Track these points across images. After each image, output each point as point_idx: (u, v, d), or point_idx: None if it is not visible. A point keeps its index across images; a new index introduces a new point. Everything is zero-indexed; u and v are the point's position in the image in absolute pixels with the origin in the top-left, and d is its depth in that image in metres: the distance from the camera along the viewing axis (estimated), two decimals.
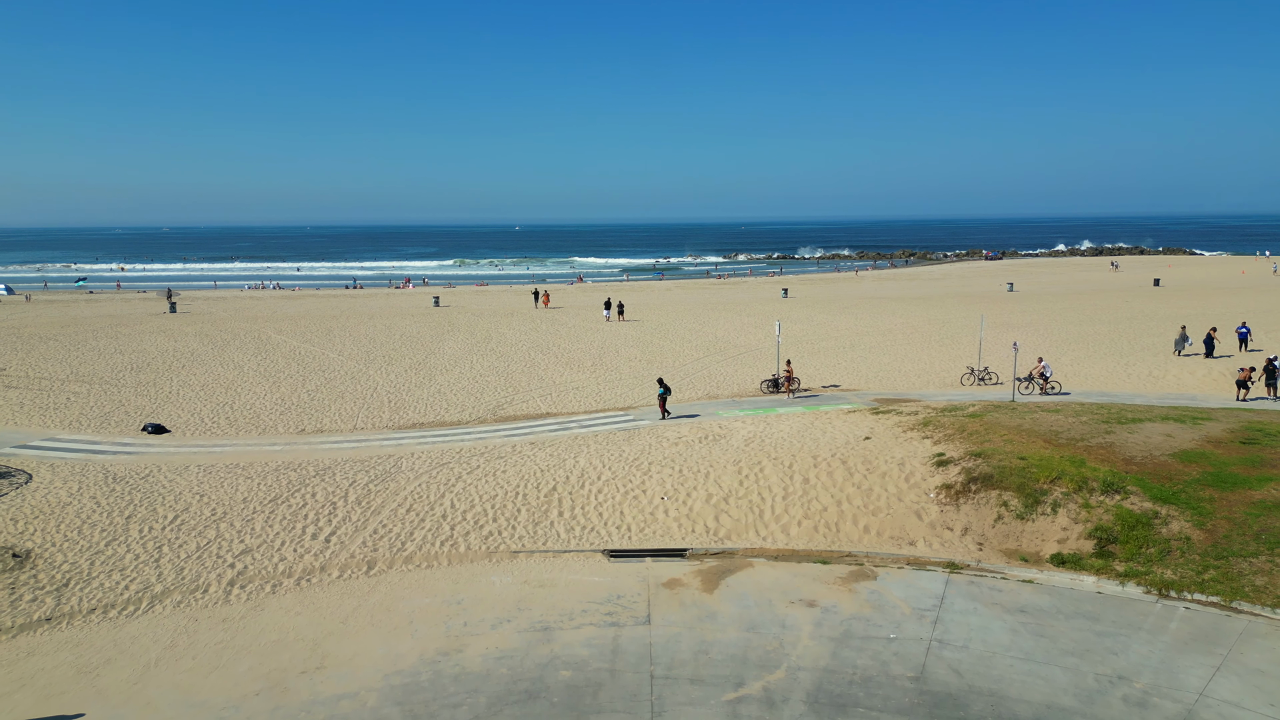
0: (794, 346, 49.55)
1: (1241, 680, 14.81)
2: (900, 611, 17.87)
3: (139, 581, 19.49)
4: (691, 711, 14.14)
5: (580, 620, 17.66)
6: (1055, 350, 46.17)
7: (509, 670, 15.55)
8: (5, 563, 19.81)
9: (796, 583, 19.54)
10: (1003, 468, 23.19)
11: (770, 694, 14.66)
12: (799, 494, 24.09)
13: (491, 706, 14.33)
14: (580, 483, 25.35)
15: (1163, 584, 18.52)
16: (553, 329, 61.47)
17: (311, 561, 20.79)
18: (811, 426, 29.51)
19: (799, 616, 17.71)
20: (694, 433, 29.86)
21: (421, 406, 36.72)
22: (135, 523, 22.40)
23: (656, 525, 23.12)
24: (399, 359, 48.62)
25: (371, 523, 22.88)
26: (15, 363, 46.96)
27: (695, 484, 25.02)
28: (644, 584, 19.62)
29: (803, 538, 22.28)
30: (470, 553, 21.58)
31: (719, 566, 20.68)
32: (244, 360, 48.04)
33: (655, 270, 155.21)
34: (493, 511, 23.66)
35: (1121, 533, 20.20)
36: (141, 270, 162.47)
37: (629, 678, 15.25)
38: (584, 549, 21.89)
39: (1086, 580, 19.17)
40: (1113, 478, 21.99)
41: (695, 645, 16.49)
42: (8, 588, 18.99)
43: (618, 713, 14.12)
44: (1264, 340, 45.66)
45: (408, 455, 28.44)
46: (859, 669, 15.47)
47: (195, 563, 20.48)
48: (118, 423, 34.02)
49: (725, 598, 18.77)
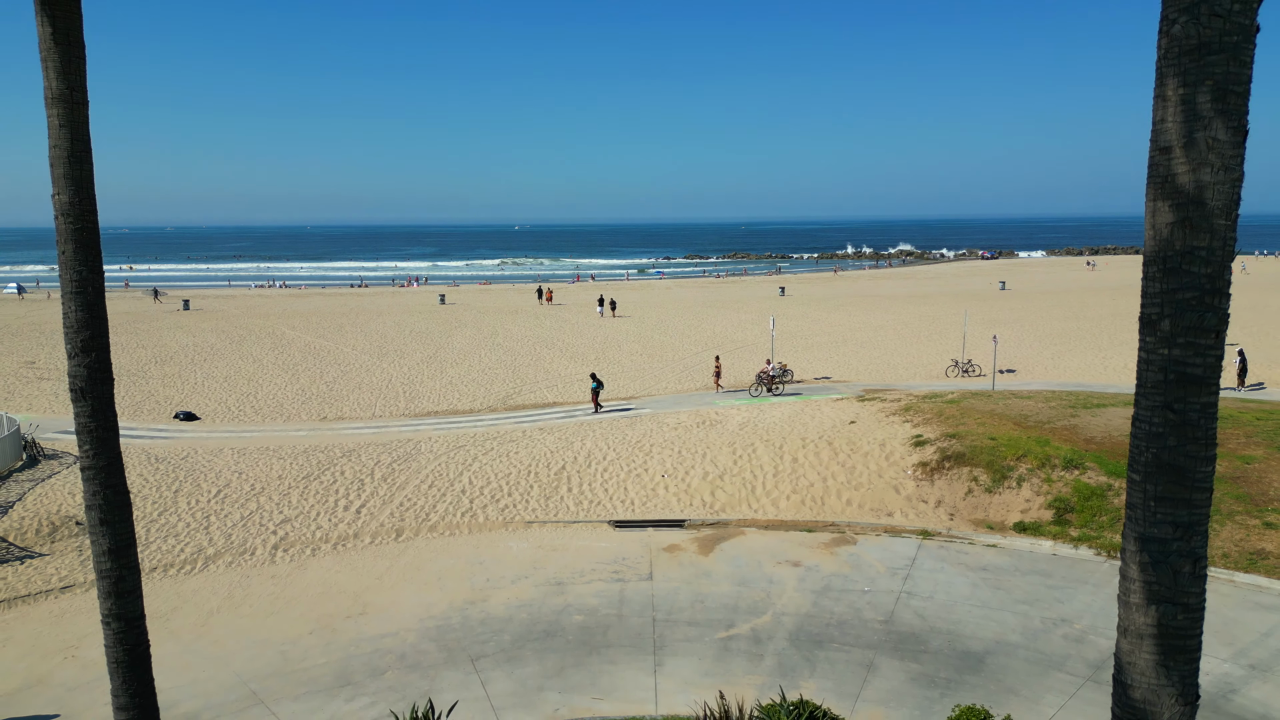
0: (789, 342, 51.71)
1: None
2: (875, 570, 20.03)
3: (192, 545, 21.67)
4: (688, 646, 16.30)
5: (590, 577, 19.82)
6: (1038, 345, 48.36)
7: (528, 615, 17.71)
8: (71, 529, 21.98)
9: (784, 547, 21.70)
10: (974, 447, 25.35)
11: (757, 633, 16.83)
12: (788, 472, 26.25)
13: (515, 642, 16.50)
14: (587, 462, 27.50)
15: (1111, 546, 20.67)
16: (556, 325, 63.63)
17: (345, 529, 22.96)
18: (801, 413, 31.67)
19: (785, 574, 19.87)
20: (692, 419, 32.01)
21: (435, 396, 38.87)
22: (182, 496, 24.57)
23: (657, 500, 25.27)
24: (410, 353, 50.77)
25: (397, 497, 25.04)
26: (43, 356, 49.14)
27: (693, 463, 27.18)
28: (646, 549, 21.77)
29: (791, 510, 24.44)
30: (488, 523, 23.75)
31: (714, 534, 22.84)
32: (262, 354, 50.19)
33: (655, 269, 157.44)
34: (507, 487, 25.82)
35: (1078, 503, 22.37)
36: (147, 270, 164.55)
37: (634, 621, 17.42)
38: (592, 520, 24.05)
39: (1044, 544, 21.33)
40: (1073, 455, 24.16)
41: (692, 596, 18.65)
42: (76, 550, 21.16)
43: (625, 647, 16.28)
44: (1238, 335, 47.82)
45: (426, 439, 30.57)
46: (836, 614, 17.63)
47: (241, 530, 22.65)
48: (149, 411, 36.16)
49: (719, 559, 20.94)
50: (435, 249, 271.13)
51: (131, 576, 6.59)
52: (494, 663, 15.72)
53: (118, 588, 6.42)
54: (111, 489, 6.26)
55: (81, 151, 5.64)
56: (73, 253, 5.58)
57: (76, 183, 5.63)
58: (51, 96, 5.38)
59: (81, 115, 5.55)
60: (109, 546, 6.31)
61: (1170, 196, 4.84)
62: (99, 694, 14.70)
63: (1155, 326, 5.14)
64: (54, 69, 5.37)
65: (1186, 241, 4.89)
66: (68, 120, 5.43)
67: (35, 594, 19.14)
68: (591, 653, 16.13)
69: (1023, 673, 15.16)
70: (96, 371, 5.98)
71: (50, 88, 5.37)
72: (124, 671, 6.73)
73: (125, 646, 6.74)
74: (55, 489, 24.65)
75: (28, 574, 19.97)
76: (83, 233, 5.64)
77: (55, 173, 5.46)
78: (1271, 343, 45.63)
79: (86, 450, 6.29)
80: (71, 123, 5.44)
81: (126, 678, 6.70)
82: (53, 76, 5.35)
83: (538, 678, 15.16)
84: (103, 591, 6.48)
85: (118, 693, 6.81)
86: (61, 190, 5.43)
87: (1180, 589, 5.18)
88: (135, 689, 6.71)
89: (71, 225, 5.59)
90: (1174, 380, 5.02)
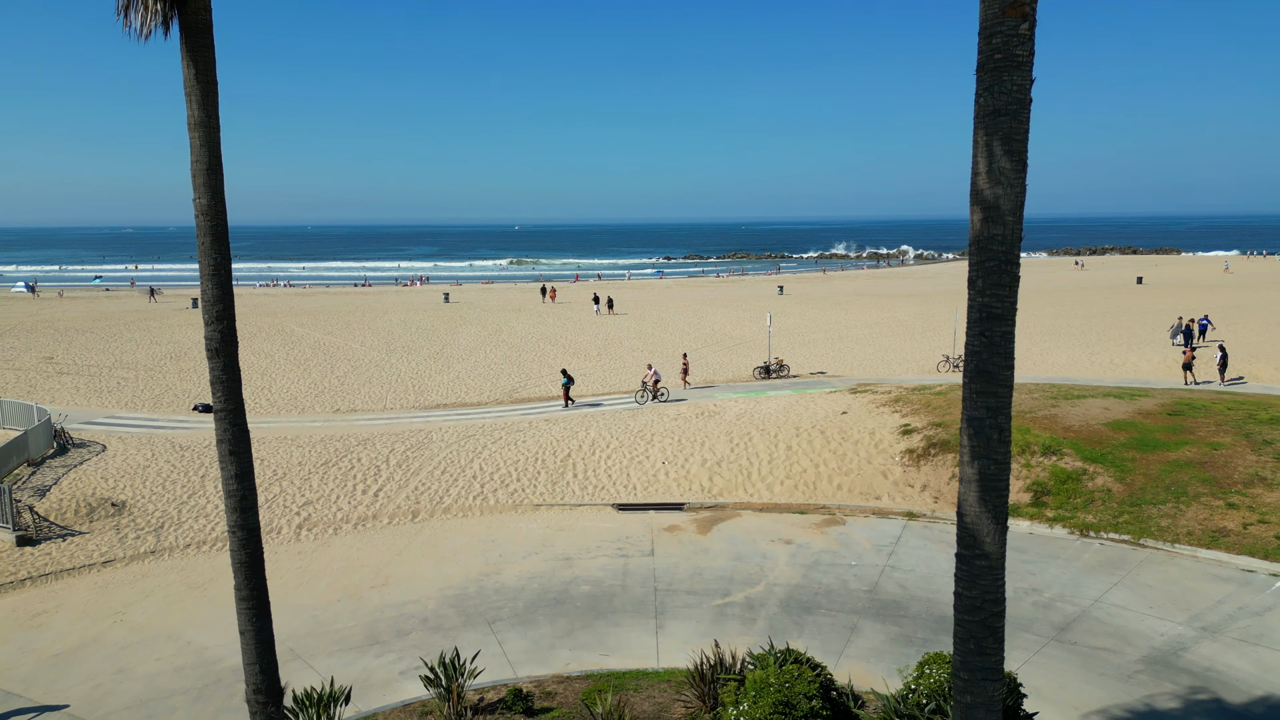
0: (787, 339, 53.09)
1: (1132, 591, 18.36)
2: (862, 547, 21.42)
3: (222, 525, 23.06)
4: (687, 612, 17.69)
5: (595, 553, 21.21)
6: (1027, 341, 49.69)
7: (539, 586, 19.11)
8: (107, 510, 23.36)
9: (777, 527, 23.10)
10: (958, 434, 26.68)
11: (751, 601, 18.23)
12: (782, 459, 27.64)
13: (528, 608, 17.89)
14: (591, 450, 28.89)
15: (1084, 526, 22.07)
16: (559, 323, 65.01)
17: (364, 511, 24.35)
18: (796, 405, 33.05)
19: (777, 550, 21.27)
20: (691, 410, 33.40)
21: (443, 390, 40.26)
22: (209, 480, 25.95)
23: (658, 485, 26.66)
24: (418, 349, 52.17)
25: (412, 482, 26.43)
26: (60, 352, 50.53)
27: (692, 451, 28.57)
28: (648, 529, 23.16)
29: (784, 494, 25.83)
30: (499, 505, 25.14)
31: (712, 516, 24.24)
32: (273, 350, 51.57)
33: (656, 269, 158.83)
34: (516, 473, 27.21)
35: (1054, 486, 23.76)
36: (152, 270, 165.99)
37: (637, 590, 18.81)
38: (596, 503, 25.44)
39: (1022, 524, 22.72)
40: (1052, 442, 25.55)
41: (691, 570, 20.04)
42: (114, 529, 22.55)
43: (629, 613, 17.68)
44: (1224, 332, 49.20)
45: (436, 429, 31.95)
46: (824, 585, 19.02)
47: (266, 511, 24.03)
48: (169, 403, 37.55)
49: (717, 538, 22.33)
50: (436, 248, 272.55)
51: (251, 496, 7.99)
52: (509, 625, 17.12)
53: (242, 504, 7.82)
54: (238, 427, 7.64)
55: (216, 165, 7.02)
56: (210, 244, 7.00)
57: (213, 190, 7.03)
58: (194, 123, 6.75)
59: (216, 138, 6.95)
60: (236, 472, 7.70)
61: (979, 204, 7.00)
62: (149, 652, 16.11)
63: (974, 284, 7.43)
64: (196, 101, 6.76)
65: (989, 231, 7.16)
66: (206, 141, 6.83)
67: (79, 567, 20.53)
68: (598, 617, 17.52)
69: None
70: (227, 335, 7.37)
71: (193, 116, 6.74)
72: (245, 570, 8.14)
73: (247, 550, 8.17)
74: (88, 474, 26.04)
75: (70, 549, 21.37)
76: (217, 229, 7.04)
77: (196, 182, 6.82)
78: (1258, 339, 46.96)
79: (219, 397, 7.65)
80: (209, 143, 6.84)
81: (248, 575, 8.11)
82: (195, 107, 6.73)
83: (549, 638, 16.56)
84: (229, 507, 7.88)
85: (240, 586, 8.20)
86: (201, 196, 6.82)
87: (992, 449, 7.33)
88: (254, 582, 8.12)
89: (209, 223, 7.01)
90: (985, 317, 7.25)
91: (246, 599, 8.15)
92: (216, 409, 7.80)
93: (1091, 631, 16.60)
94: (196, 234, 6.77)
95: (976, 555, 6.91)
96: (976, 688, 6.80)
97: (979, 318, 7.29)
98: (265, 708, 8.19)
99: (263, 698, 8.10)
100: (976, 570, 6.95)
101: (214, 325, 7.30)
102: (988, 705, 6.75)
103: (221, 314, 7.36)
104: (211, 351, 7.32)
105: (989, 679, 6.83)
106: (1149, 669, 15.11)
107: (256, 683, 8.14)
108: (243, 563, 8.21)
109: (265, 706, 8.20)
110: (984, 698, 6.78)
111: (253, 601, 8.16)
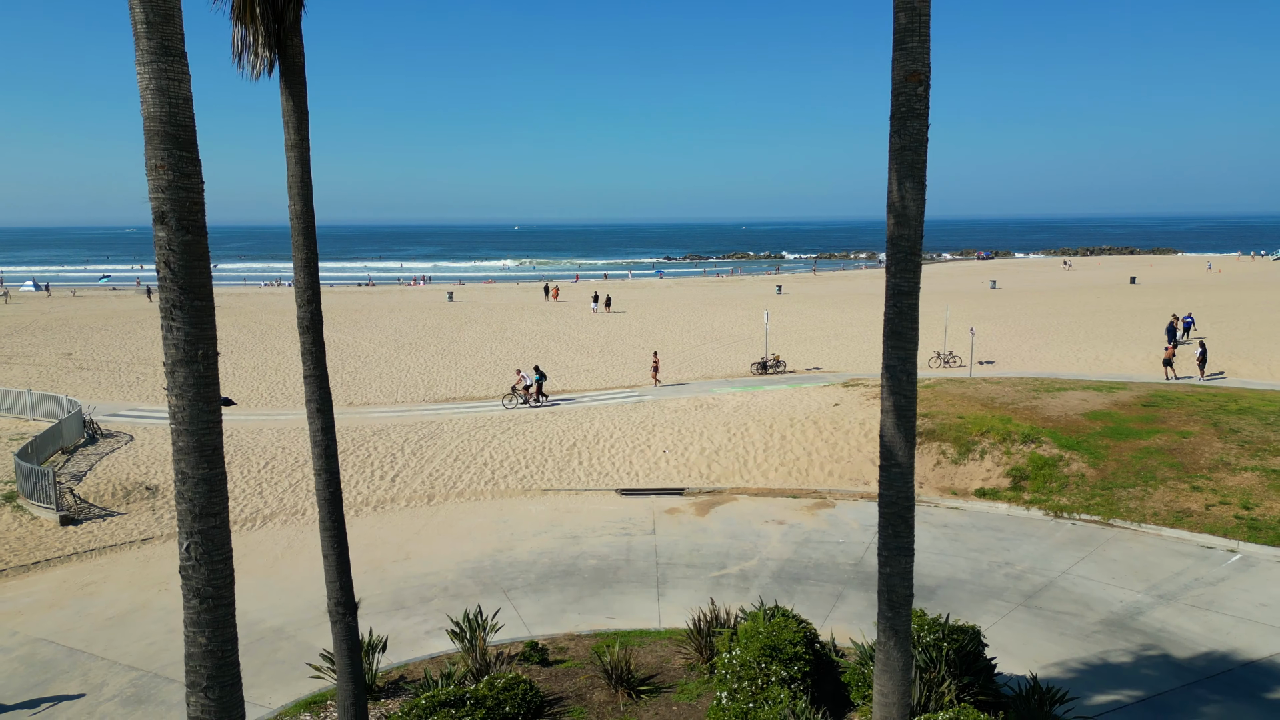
0: (784, 336, 54.61)
1: (1098, 565, 19.87)
2: (850, 527, 22.93)
3: (250, 507, 24.58)
4: (686, 582, 19.21)
5: (601, 532, 22.73)
6: (1018, 338, 51.24)
7: (550, 560, 20.63)
8: (142, 493, 24.87)
9: (771, 509, 24.61)
10: (944, 424, 28.25)
11: (745, 573, 19.74)
12: (777, 448, 29.16)
13: (540, 579, 19.41)
14: (596, 440, 30.40)
15: (1058, 508, 23.58)
16: (562, 321, 66.54)
17: (383, 494, 25.86)
18: (791, 398, 34.56)
19: (770, 530, 22.79)
20: (691, 403, 34.91)
21: (452, 384, 41.77)
22: (235, 467, 27.45)
23: (659, 472, 28.16)
24: (425, 346, 53.69)
25: (427, 468, 27.94)
26: (78, 348, 52.05)
27: (691, 441, 30.08)
28: (650, 511, 24.67)
29: (778, 480, 27.35)
30: (509, 490, 26.65)
31: (710, 500, 25.75)
32: (285, 346, 53.09)
33: (656, 269, 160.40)
34: (525, 461, 28.72)
35: (1032, 472, 25.28)
36: None
37: (640, 564, 20.33)
38: (601, 488, 26.95)
39: (1000, 507, 24.24)
40: (1031, 431, 27.06)
41: (690, 546, 21.56)
42: (149, 510, 24.06)
43: (632, 583, 19.19)
44: (1209, 329, 50.71)
45: (447, 421, 33.45)
46: (813, 559, 20.54)
47: (290, 495, 25.55)
48: None
49: (714, 519, 23.85)
50: (437, 248, 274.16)
51: (333, 446, 9.52)
52: (523, 593, 18.64)
53: (326, 452, 9.35)
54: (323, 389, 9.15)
55: (307, 179, 8.57)
56: (302, 241, 8.56)
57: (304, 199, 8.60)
58: (290, 144, 8.35)
59: (307, 157, 8.51)
60: (322, 425, 9.22)
61: (892, 213, 8.90)
62: None
63: (889, 270, 9.15)
64: (292, 127, 8.34)
65: (899, 232, 8.90)
66: (300, 160, 8.43)
67: (120, 544, 22.05)
68: (604, 586, 19.04)
69: (967, 600, 18.07)
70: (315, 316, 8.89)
71: (289, 139, 8.33)
72: (328, 505, 9.65)
73: (330, 489, 9.69)
74: (120, 461, 27.55)
75: (111, 528, 22.88)
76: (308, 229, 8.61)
77: (292, 192, 8.39)
78: (1240, 336, 48.44)
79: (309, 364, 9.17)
80: (302, 161, 8.41)
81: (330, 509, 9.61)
82: (291, 132, 8.31)
83: (560, 604, 18.08)
84: (316, 454, 9.39)
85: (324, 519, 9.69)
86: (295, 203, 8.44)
87: (902, 387, 9.05)
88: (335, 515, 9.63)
89: (301, 224, 8.59)
90: (896, 293, 9.07)
91: (329, 529, 9.67)
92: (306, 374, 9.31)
93: (1057, 599, 18.12)
94: (291, 234, 8.28)
95: (893, 465, 8.63)
96: (894, 561, 8.69)
97: (892, 294, 9.09)
98: (344, 616, 9.73)
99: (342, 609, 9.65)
100: (893, 476, 8.70)
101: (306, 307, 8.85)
102: (901, 575, 8.68)
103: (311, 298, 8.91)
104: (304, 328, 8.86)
105: (902, 554, 8.72)
106: (1106, 630, 16.62)
107: (338, 596, 9.67)
108: (326, 499, 9.74)
109: (344, 615, 9.74)
110: (899, 569, 8.69)
111: (334, 532, 9.68)
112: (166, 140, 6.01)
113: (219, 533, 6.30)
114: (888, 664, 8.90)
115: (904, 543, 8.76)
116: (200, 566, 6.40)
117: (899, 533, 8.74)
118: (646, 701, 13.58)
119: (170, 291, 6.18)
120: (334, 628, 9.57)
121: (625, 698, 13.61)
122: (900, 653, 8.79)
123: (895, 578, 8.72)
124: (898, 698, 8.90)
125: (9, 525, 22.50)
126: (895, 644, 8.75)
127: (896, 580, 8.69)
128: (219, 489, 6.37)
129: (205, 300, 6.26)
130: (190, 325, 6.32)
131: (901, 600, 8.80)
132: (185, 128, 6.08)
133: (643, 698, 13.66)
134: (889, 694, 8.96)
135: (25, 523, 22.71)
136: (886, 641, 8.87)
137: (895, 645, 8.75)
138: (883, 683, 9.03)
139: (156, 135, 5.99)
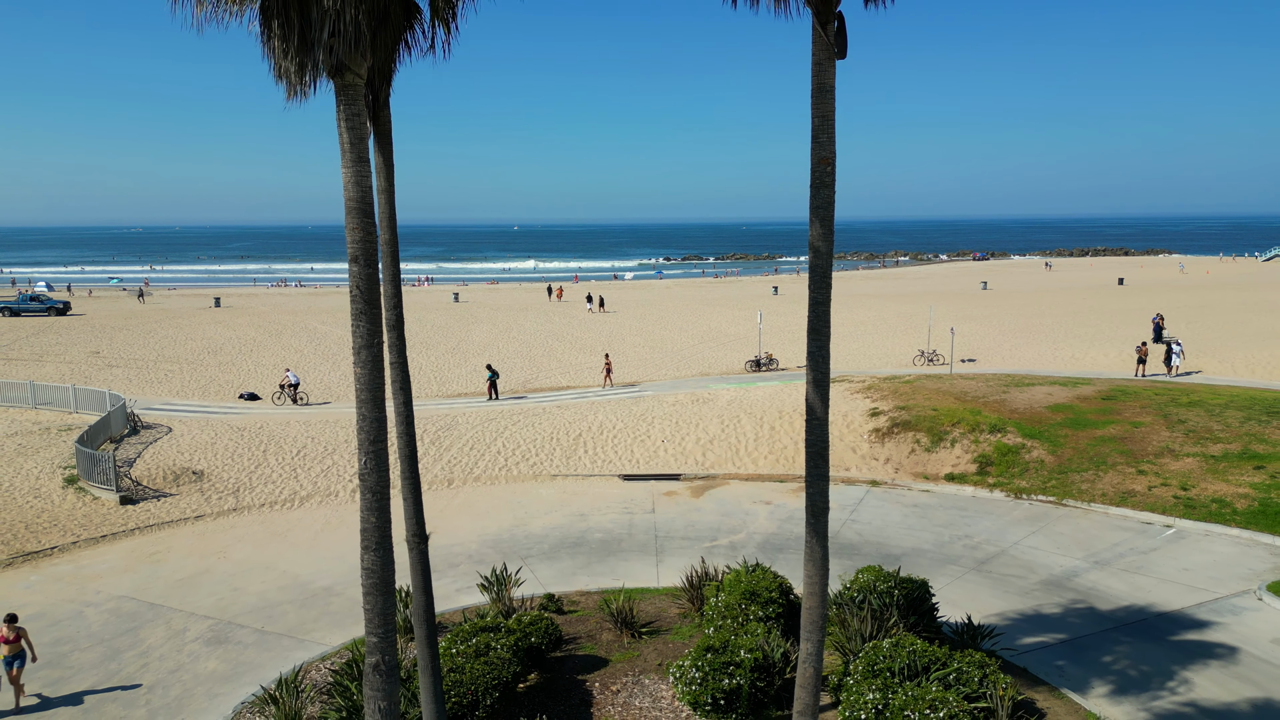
0: (778, 335, 57.19)
1: (1047, 538, 22.45)
2: (830, 506, 25.50)
3: (288, 489, 27.16)
4: (682, 551, 21.79)
5: (606, 511, 25.32)
6: (1000, 337, 53.84)
7: (560, 534, 23.22)
8: (190, 477, 27.45)
9: (759, 492, 27.20)
10: (919, 416, 30.85)
11: (734, 544, 22.33)
12: (767, 438, 31.75)
13: (552, 549, 22.01)
14: (599, 431, 32.99)
15: (1018, 490, 26.16)
16: (565, 320, 69.13)
17: None
18: (781, 393, 37.16)
19: (758, 509, 25.38)
20: (688, 398, 37.50)
21: (462, 381, 44.35)
22: (270, 454, 30.04)
23: (658, 460, 30.74)
24: (435, 344, 56.28)
25: (445, 456, 30.51)
26: (104, 347, 54.62)
27: (687, 432, 32.67)
28: (650, 494, 27.26)
29: (767, 466, 29.94)
30: (521, 475, 29.23)
31: (704, 484, 28.34)
32: (301, 345, 55.67)
33: (655, 269, 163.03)
34: (534, 450, 31.30)
35: (997, 458, 27.87)
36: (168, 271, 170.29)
37: (641, 537, 22.92)
38: (604, 474, 29.54)
39: (967, 489, 26.83)
40: (998, 422, 29.65)
41: (685, 523, 24.15)
42: (198, 491, 26.65)
43: (634, 552, 21.78)
44: (1183, 329, 53.31)
45: (461, 414, 36.04)
46: (795, 534, 23.12)
47: (324, 479, 28.13)
48: (216, 392, 41.63)
49: (708, 500, 26.44)
50: (438, 249, 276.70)
51: (410, 413, 12.06)
52: (538, 560, 21.24)
53: (407, 415, 11.89)
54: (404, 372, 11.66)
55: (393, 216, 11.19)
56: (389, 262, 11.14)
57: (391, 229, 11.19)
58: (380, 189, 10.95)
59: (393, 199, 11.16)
60: (404, 400, 11.74)
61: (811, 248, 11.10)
62: (254, 578, 20.21)
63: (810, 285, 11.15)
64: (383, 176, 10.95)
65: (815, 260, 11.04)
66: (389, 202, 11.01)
67: (176, 520, 24.62)
68: (609, 554, 21.63)
69: (927, 565, 20.66)
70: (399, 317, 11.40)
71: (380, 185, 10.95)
72: (407, 461, 12.15)
73: (410, 449, 12.22)
74: (165, 449, 30.12)
75: (166, 507, 25.45)
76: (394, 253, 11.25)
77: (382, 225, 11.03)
78: (1211, 336, 51.02)
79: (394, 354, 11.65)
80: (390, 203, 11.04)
81: (409, 464, 12.11)
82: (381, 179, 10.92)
83: (571, 568, 20.67)
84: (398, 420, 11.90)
85: (404, 471, 12.18)
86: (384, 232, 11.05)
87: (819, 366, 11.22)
88: (412, 468, 12.13)
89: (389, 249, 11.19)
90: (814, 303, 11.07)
91: (408, 478, 12.19)
92: (391, 361, 11.80)
93: (1005, 565, 20.71)
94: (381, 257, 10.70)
95: (813, 418, 11.08)
96: (814, 484, 11.19)
97: (812, 304, 11.26)
98: (419, 544, 12.22)
99: (417, 538, 12.15)
100: (813, 425, 11.20)
101: (392, 311, 11.34)
102: (820, 494, 11.16)
103: (396, 304, 11.43)
104: (390, 326, 11.35)
105: (820, 480, 11.24)
106: (1044, 588, 19.21)
107: (414, 529, 12.14)
108: (403, 454, 12.25)
109: (419, 544, 12.22)
110: (818, 489, 11.21)
111: (411, 480, 12.19)
112: (358, 213, 9.05)
113: (382, 452, 9.52)
114: (811, 555, 11.29)
115: (822, 471, 11.16)
116: (371, 473, 9.56)
117: (818, 465, 11.13)
118: (647, 640, 16.18)
119: (358, 303, 9.24)
120: (410, 554, 12.22)
121: (629, 637, 16.22)
122: (820, 547, 11.15)
123: (817, 496, 11.11)
124: (819, 581, 11.26)
125: (75, 505, 25.07)
126: (816, 540, 11.16)
127: (818, 497, 11.09)
128: (382, 426, 9.50)
129: (377, 308, 9.23)
130: (370, 324, 9.21)
131: (820, 510, 11.15)
132: (368, 204, 9.09)
133: (644, 638, 16.26)
134: (813, 578, 11.36)
135: (88, 502, 25.28)
136: (811, 539, 11.24)
137: (816, 541, 11.16)
138: (809, 570, 11.43)
139: (354, 211, 9.02)
